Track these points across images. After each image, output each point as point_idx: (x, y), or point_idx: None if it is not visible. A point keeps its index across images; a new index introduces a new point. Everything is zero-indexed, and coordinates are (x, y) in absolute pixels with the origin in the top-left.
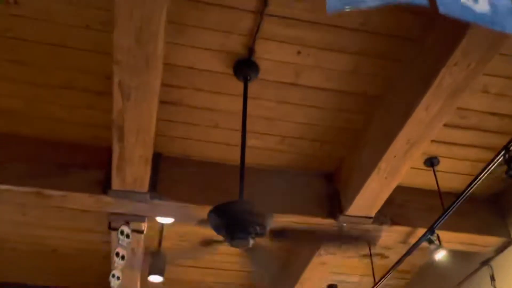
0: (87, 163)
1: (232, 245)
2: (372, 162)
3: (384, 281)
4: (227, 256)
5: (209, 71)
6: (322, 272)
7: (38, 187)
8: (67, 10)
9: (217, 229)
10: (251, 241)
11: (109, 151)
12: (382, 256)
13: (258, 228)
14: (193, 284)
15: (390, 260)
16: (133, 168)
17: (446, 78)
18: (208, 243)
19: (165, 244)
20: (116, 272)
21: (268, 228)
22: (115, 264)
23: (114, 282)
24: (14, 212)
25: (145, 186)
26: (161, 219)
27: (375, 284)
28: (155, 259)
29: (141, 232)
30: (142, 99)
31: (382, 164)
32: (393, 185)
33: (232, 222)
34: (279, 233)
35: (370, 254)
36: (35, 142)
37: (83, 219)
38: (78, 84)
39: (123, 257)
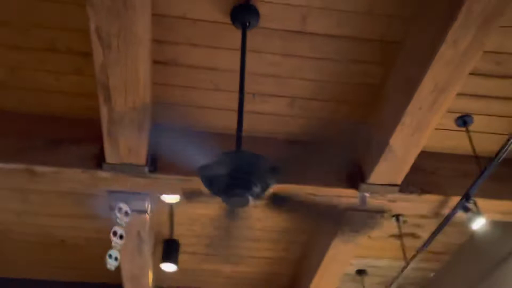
0: (80, 137)
1: (229, 205)
2: (394, 117)
3: (416, 264)
4: (245, 242)
5: (204, 21)
6: (346, 255)
7: (27, 164)
8: None
9: (209, 184)
10: (250, 201)
11: None
12: (414, 236)
13: (257, 182)
14: (209, 273)
15: (422, 240)
16: (125, 135)
17: (476, 1)
18: (193, 193)
19: (177, 230)
20: (114, 252)
21: (271, 187)
22: (113, 244)
23: (111, 263)
24: (12, 199)
25: (142, 158)
26: (166, 198)
27: (406, 265)
28: (167, 246)
29: (144, 212)
30: (125, 49)
31: (407, 119)
32: (421, 144)
33: (229, 176)
34: (280, 199)
35: (400, 234)
36: (22, 116)
37: (88, 205)
38: (61, 45)
39: (121, 236)
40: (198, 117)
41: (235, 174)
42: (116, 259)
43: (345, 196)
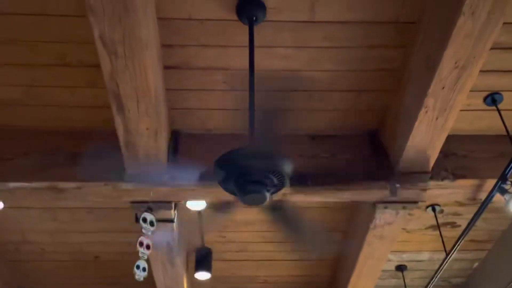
0: (100, 149)
1: (245, 203)
2: (417, 101)
3: (458, 255)
4: (280, 245)
5: (210, 20)
6: (382, 251)
7: (50, 181)
8: None
9: (225, 185)
10: (268, 196)
11: None
12: (453, 225)
13: (274, 178)
14: (245, 279)
15: (462, 229)
16: (143, 144)
17: None
18: (223, 206)
19: (209, 237)
20: (141, 263)
21: (287, 178)
22: (140, 254)
23: (139, 273)
24: (43, 219)
25: (163, 165)
26: (191, 204)
27: (446, 257)
28: (199, 255)
29: (170, 221)
30: (131, 55)
31: (429, 101)
32: (447, 127)
33: (241, 172)
34: (300, 179)
35: (438, 225)
36: (41, 133)
37: (117, 219)
38: (73, 59)
39: (148, 247)
40: (215, 120)
41: (253, 171)
42: (144, 269)
43: (374, 188)
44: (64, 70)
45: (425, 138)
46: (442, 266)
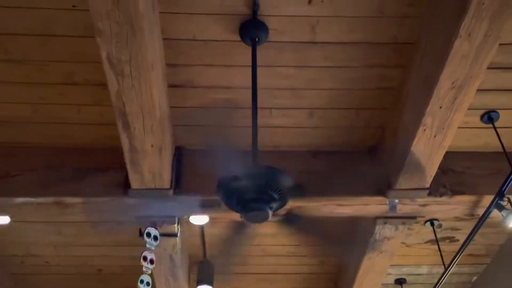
0: (105, 166)
1: (247, 220)
2: (415, 119)
3: (457, 269)
4: (281, 259)
5: (214, 41)
6: (382, 265)
7: (56, 196)
8: None
9: (228, 202)
10: (270, 212)
11: None
12: (451, 239)
13: (274, 194)
14: None
15: (461, 244)
16: (147, 160)
17: None
18: (238, 227)
19: (211, 251)
20: (145, 277)
21: (288, 193)
22: (143, 269)
23: (143, 286)
24: (48, 232)
25: (166, 181)
26: (194, 219)
27: (445, 271)
28: (202, 268)
29: (173, 235)
30: (138, 75)
31: (428, 120)
32: (445, 144)
33: (244, 190)
34: (293, 218)
35: (436, 239)
36: (48, 149)
37: (121, 233)
38: (79, 77)
39: (151, 261)
40: (218, 136)
41: (252, 189)
42: (148, 284)
43: (374, 204)
44: (71, 89)
45: (423, 155)
46: (441, 280)
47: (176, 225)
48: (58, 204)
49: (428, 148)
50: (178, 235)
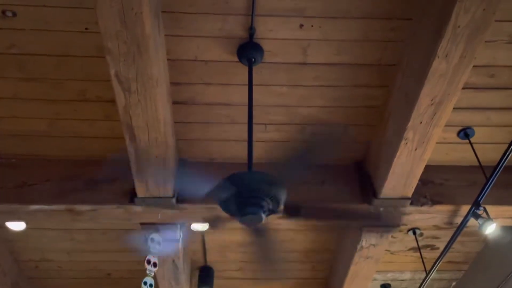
0: (114, 176)
1: (241, 222)
2: (397, 134)
3: (438, 274)
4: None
5: (214, 61)
6: (369, 270)
7: (68, 204)
8: (62, 15)
9: (224, 205)
10: (264, 217)
11: None
12: (432, 247)
13: (271, 202)
14: None
15: (441, 251)
16: (152, 170)
17: (461, 16)
18: (215, 221)
19: (211, 257)
20: (148, 280)
21: (282, 203)
22: (147, 271)
23: None
24: (61, 239)
25: (169, 191)
26: (195, 226)
27: (426, 276)
28: (202, 273)
29: (176, 241)
30: (144, 91)
31: (409, 134)
32: (425, 157)
33: (242, 195)
34: (294, 209)
35: (418, 247)
36: (63, 161)
37: (128, 239)
38: (91, 94)
39: (154, 264)
40: (218, 150)
41: (245, 193)
42: (151, 286)
43: (360, 212)
44: (84, 105)
45: (405, 167)
46: (423, 285)
47: (178, 232)
48: (70, 212)
49: (410, 160)
50: (180, 241)
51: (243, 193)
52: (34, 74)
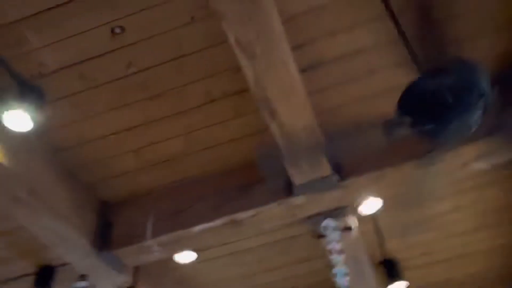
0: (263, 174)
1: (444, 134)
2: None
3: None
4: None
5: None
6: None
7: (228, 215)
8: (164, 10)
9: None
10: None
11: None
12: None
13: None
14: (439, 285)
15: None
16: (301, 147)
17: None
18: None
19: (390, 245)
20: (339, 269)
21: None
22: (333, 262)
23: (340, 278)
24: (233, 265)
25: (326, 168)
26: (363, 208)
27: None
28: (386, 266)
29: (348, 228)
30: (269, 52)
31: None
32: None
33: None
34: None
35: None
36: (207, 176)
37: (296, 247)
38: (216, 92)
39: (339, 252)
40: (362, 109)
41: (457, 91)
42: (345, 274)
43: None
44: (212, 107)
45: None
46: None
47: (349, 217)
48: (231, 223)
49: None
50: (353, 228)
51: (457, 91)
52: (157, 89)
